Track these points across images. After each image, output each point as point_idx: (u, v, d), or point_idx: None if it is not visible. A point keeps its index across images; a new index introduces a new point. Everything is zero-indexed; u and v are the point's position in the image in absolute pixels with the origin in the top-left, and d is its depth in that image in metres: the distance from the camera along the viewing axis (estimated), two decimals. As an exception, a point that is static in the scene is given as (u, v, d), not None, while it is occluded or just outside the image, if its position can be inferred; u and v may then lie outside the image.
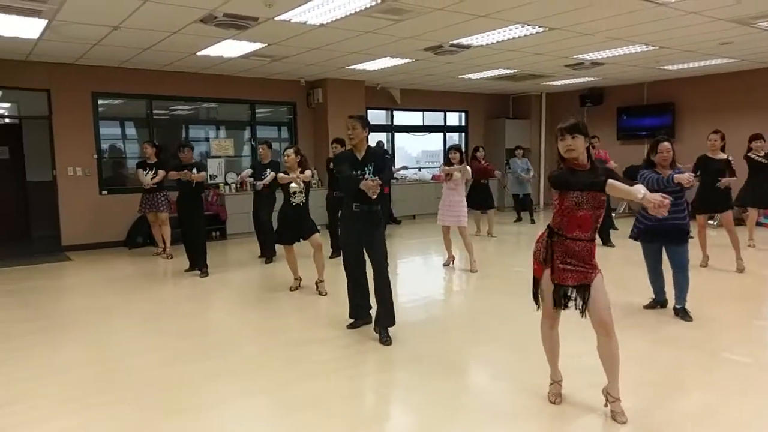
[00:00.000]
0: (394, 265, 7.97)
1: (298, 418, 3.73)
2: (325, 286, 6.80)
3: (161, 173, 8.96)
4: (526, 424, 3.60)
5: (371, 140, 5.56)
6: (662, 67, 11.35)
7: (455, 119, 15.98)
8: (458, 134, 16.00)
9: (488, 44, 8.82)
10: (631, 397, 3.66)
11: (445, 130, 15.76)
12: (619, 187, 3.27)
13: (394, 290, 5.31)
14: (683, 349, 4.85)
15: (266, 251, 8.94)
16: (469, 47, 9.03)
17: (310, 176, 6.70)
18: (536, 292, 3.73)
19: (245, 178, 8.37)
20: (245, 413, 3.83)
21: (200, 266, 7.96)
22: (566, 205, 3.44)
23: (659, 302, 5.87)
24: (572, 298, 3.53)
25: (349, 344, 5.12)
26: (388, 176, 5.21)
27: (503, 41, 8.60)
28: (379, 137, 13.84)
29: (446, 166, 8.01)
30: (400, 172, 13.34)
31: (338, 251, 8.53)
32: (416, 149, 16.64)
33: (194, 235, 8.00)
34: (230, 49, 8.76)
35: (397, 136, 15.02)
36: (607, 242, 9.36)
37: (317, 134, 12.64)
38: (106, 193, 10.52)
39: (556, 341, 3.76)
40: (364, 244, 5.18)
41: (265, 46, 8.66)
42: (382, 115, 14.46)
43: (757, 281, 7.18)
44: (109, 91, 10.45)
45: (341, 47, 8.92)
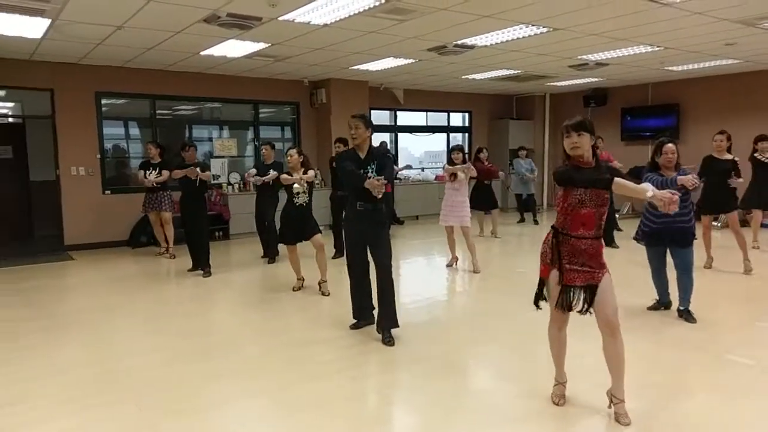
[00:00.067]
0: (396, 265, 7.98)
1: (300, 418, 3.71)
2: (327, 286, 6.79)
3: (165, 173, 8.96)
4: (529, 425, 3.58)
5: (374, 140, 5.55)
6: (667, 67, 11.32)
7: (458, 120, 15.95)
8: (462, 135, 15.98)
9: (492, 45, 8.80)
10: (634, 398, 3.65)
11: (448, 130, 15.75)
12: (626, 185, 3.26)
13: (397, 291, 5.30)
14: (687, 350, 4.84)
15: (269, 251, 8.93)
16: (473, 47, 9.01)
17: (312, 176, 6.69)
18: (539, 293, 3.70)
19: (250, 177, 8.33)
20: (247, 414, 3.82)
21: (203, 266, 7.95)
22: (569, 202, 3.43)
23: (663, 304, 5.85)
24: (578, 298, 3.50)
25: (351, 345, 5.10)
26: (389, 175, 5.19)
27: (507, 42, 8.59)
28: (382, 137, 13.83)
29: (449, 166, 7.99)
30: (402, 171, 13.32)
31: (341, 251, 8.53)
32: (419, 150, 16.65)
33: (197, 235, 8.00)
34: (234, 49, 8.75)
35: (400, 136, 15.01)
36: (611, 243, 9.33)
37: (320, 134, 12.62)
38: (109, 192, 10.53)
39: (563, 343, 3.74)
40: (369, 243, 5.15)
41: (268, 46, 8.65)
42: (385, 115, 14.46)
43: (760, 283, 7.13)
44: (112, 90, 10.45)
45: (345, 47, 8.91)
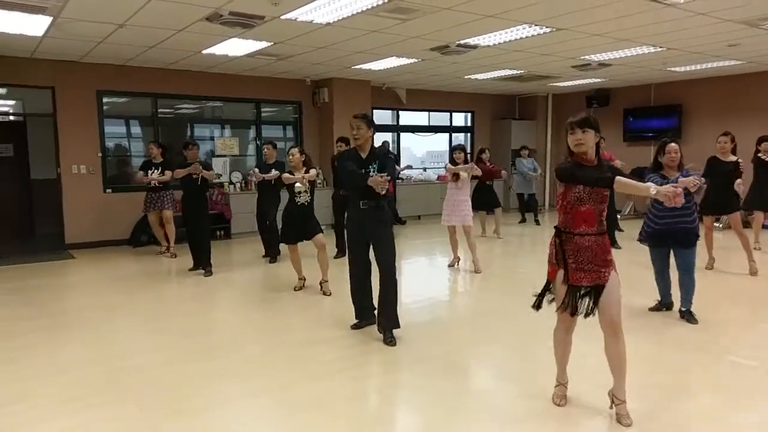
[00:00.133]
0: (398, 265, 7.93)
1: (301, 418, 3.70)
2: (329, 286, 6.78)
3: (168, 173, 8.92)
4: (530, 426, 3.56)
5: (377, 140, 5.53)
6: (669, 68, 11.30)
7: (461, 120, 15.93)
8: (464, 135, 15.97)
9: (495, 44, 8.78)
10: (636, 399, 3.64)
11: (450, 130, 15.73)
12: (629, 183, 3.26)
13: (398, 291, 5.27)
14: (689, 351, 4.82)
15: (270, 251, 8.92)
16: (476, 47, 8.99)
17: (314, 176, 6.67)
18: (542, 294, 3.67)
19: (254, 176, 8.31)
20: (248, 413, 3.80)
21: (204, 265, 7.94)
22: (569, 200, 3.42)
23: (665, 304, 5.85)
24: (585, 299, 3.47)
25: (353, 345, 5.09)
26: (391, 174, 5.17)
27: (510, 41, 8.57)
28: (384, 137, 13.81)
29: (451, 165, 7.98)
30: (404, 171, 13.30)
31: (343, 251, 8.52)
32: (421, 150, 16.63)
33: (199, 234, 7.99)
34: (236, 47, 8.73)
35: (402, 136, 15.01)
36: (613, 244, 9.28)
37: (323, 134, 12.61)
38: (110, 191, 10.52)
39: (568, 346, 3.72)
40: (372, 242, 5.13)
41: (270, 44, 8.63)
42: (387, 115, 14.44)
43: (762, 284, 7.11)
44: (114, 89, 10.44)
45: (347, 46, 8.89)
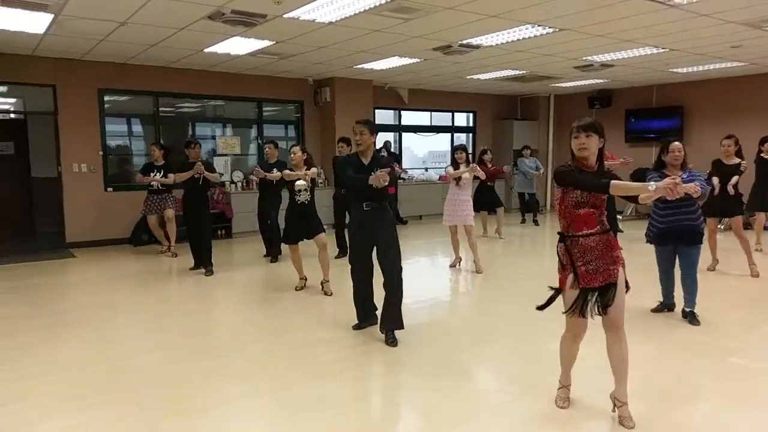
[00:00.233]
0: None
1: (302, 418, 3.68)
2: (330, 286, 6.76)
3: (171, 177, 8.81)
4: (532, 428, 3.54)
5: (378, 140, 5.51)
6: (672, 69, 11.28)
7: (463, 120, 15.92)
8: (466, 135, 15.96)
9: (498, 44, 8.76)
10: (638, 401, 3.62)
11: (452, 130, 15.71)
12: (625, 186, 3.27)
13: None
14: (691, 353, 4.81)
15: (272, 250, 8.90)
16: (478, 47, 8.97)
17: (315, 173, 6.66)
18: (551, 300, 3.62)
19: (259, 175, 8.26)
20: (249, 413, 3.79)
21: (205, 265, 7.92)
22: (567, 203, 3.42)
23: (667, 305, 5.85)
24: (594, 303, 3.43)
25: (354, 345, 5.07)
26: (392, 178, 5.15)
27: (513, 42, 8.55)
28: (386, 137, 13.80)
29: (452, 166, 7.97)
30: (402, 176, 13.27)
31: (344, 251, 8.50)
32: (423, 149, 16.61)
33: (200, 233, 7.97)
34: (237, 46, 8.72)
35: (404, 136, 14.99)
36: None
37: (325, 133, 12.60)
38: (111, 190, 10.51)
39: (574, 353, 3.70)
40: (377, 245, 5.10)
41: (272, 43, 8.62)
42: (389, 114, 14.43)
43: (764, 286, 7.10)
44: (115, 87, 10.42)
45: (349, 46, 8.87)
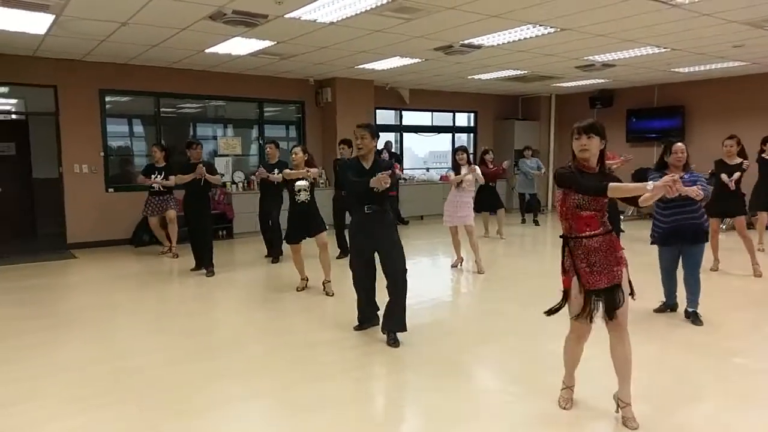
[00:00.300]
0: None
1: (303, 419, 3.67)
2: (332, 286, 6.75)
3: (172, 179, 8.79)
4: (535, 429, 3.53)
5: (380, 140, 5.50)
6: (673, 69, 11.26)
7: (464, 120, 15.91)
8: (467, 135, 15.95)
9: (499, 44, 8.74)
10: (642, 402, 3.61)
11: (453, 130, 15.69)
12: (623, 187, 3.25)
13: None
14: (694, 353, 4.80)
15: (273, 251, 8.89)
16: (479, 47, 8.96)
17: (317, 172, 6.66)
18: (561, 305, 3.60)
19: (262, 174, 8.25)
20: (250, 414, 3.78)
21: (206, 265, 7.91)
22: (568, 205, 3.42)
23: (670, 306, 5.84)
24: (602, 302, 3.42)
25: (356, 345, 5.06)
26: (393, 181, 5.14)
27: (514, 42, 8.53)
28: (387, 137, 13.79)
29: (453, 167, 7.97)
30: (406, 172, 13.27)
31: (345, 251, 8.49)
32: (424, 150, 16.59)
33: (201, 233, 7.96)
34: (239, 46, 8.71)
35: (405, 136, 14.98)
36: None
37: (326, 133, 12.59)
38: (112, 190, 10.50)
39: (579, 354, 3.69)
40: (380, 247, 5.07)
41: (274, 44, 8.61)
42: (390, 115, 14.42)
43: (767, 286, 7.09)
44: (116, 88, 10.42)
45: (351, 46, 8.86)
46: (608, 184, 3.20)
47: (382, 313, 5.23)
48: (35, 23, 7.20)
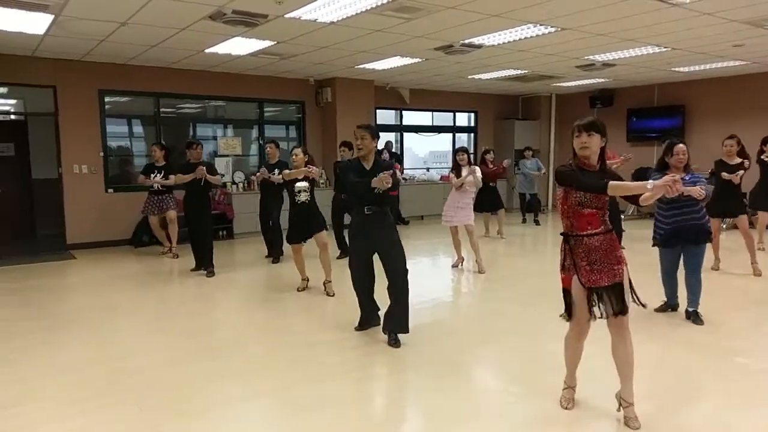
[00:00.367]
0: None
1: (304, 419, 3.67)
2: (332, 286, 6.75)
3: (172, 178, 8.77)
4: (537, 429, 3.52)
5: (380, 140, 5.49)
6: (673, 68, 11.26)
7: (464, 120, 15.90)
8: (467, 135, 15.94)
9: (499, 44, 8.73)
10: (644, 401, 3.60)
11: (454, 130, 15.68)
12: (623, 186, 3.25)
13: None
14: (696, 353, 4.79)
15: (273, 251, 8.88)
16: (480, 47, 8.95)
17: (317, 173, 6.65)
18: (570, 302, 3.58)
19: (264, 175, 8.23)
20: (251, 414, 3.78)
21: (206, 266, 7.90)
22: (569, 203, 3.42)
23: (671, 305, 5.84)
24: (604, 301, 3.42)
25: (357, 346, 5.05)
26: (394, 180, 5.13)
27: (515, 41, 8.52)
28: (387, 137, 13.78)
29: (454, 168, 7.97)
30: (407, 172, 13.25)
31: (345, 251, 8.47)
32: (424, 150, 16.57)
33: (201, 234, 7.94)
34: (239, 46, 8.70)
35: (405, 136, 14.97)
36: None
37: (326, 133, 12.58)
38: (111, 191, 10.48)
39: (579, 352, 3.69)
40: (380, 250, 5.06)
41: (274, 44, 8.60)
42: (391, 115, 14.41)
43: (767, 285, 7.09)
44: (115, 88, 10.40)
45: (351, 46, 8.85)
46: (608, 181, 3.20)
47: (382, 313, 5.23)
48: (34, 23, 7.18)
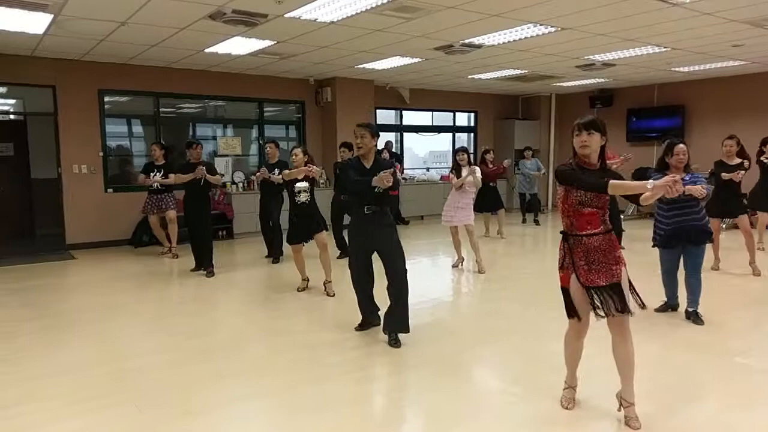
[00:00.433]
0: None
1: (304, 420, 3.66)
2: (332, 286, 6.74)
3: (171, 177, 8.73)
4: (537, 429, 3.52)
5: (380, 140, 5.49)
6: (673, 68, 11.25)
7: (464, 120, 15.90)
8: (467, 135, 15.94)
9: (499, 44, 8.73)
10: (644, 401, 3.60)
11: (454, 130, 15.68)
12: (623, 185, 3.24)
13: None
14: (696, 353, 4.79)
15: (273, 251, 8.87)
16: (480, 47, 8.94)
17: (319, 173, 6.64)
18: (569, 304, 3.57)
19: (264, 175, 8.22)
20: (251, 415, 3.77)
21: (206, 266, 7.89)
22: (570, 202, 3.42)
23: (671, 306, 5.83)
24: (604, 299, 3.40)
25: (357, 346, 5.05)
26: (395, 179, 5.13)
27: (515, 41, 8.52)
28: (387, 137, 13.78)
29: (454, 168, 7.96)
30: (407, 172, 13.24)
31: (345, 251, 8.47)
32: (424, 149, 16.56)
33: (201, 234, 7.94)
34: (238, 46, 8.69)
35: (405, 136, 14.97)
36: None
37: (326, 133, 12.57)
38: (111, 191, 10.47)
39: (579, 350, 3.68)
40: (380, 250, 5.06)
41: (273, 43, 8.59)
42: (391, 114, 14.40)
43: (766, 285, 7.08)
44: (115, 88, 10.39)
45: (351, 46, 8.85)
46: (609, 180, 3.20)
47: (382, 313, 5.22)
48: (33, 23, 7.17)
